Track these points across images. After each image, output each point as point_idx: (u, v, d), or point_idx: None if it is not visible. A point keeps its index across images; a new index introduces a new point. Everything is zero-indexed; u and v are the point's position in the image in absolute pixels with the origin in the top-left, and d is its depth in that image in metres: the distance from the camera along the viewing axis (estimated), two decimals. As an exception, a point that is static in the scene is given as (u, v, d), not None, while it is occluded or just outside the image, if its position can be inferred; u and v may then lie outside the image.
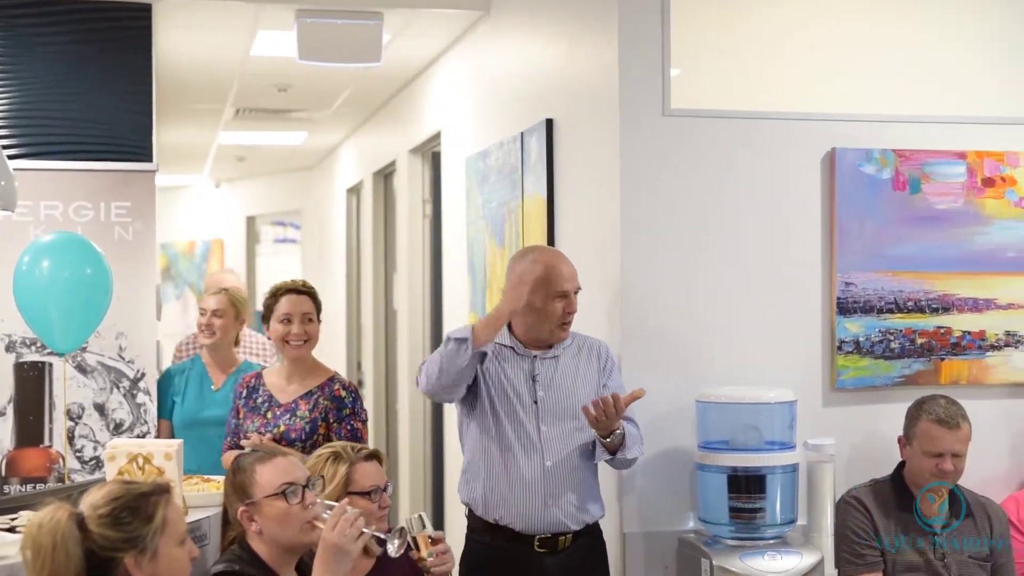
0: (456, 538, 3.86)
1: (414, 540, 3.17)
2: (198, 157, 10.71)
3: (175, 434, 4.84)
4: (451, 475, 6.25)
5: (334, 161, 10.29)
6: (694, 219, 4.00)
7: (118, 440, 3.60)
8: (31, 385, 4.96)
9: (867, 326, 4.08)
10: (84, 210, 5.06)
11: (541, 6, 4.86)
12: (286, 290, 4.17)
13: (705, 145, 4.02)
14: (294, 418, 4.06)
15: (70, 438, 4.93)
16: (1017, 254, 4.20)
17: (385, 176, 8.24)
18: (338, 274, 9.83)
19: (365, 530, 2.77)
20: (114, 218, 5.07)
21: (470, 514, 3.74)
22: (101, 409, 5.01)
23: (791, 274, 4.07)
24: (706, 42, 4.07)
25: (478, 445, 3.67)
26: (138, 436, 4.94)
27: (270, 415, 4.09)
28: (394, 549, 2.85)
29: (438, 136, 6.58)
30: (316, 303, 4.20)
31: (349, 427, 4.08)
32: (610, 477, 3.91)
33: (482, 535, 3.69)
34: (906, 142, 4.14)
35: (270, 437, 3.98)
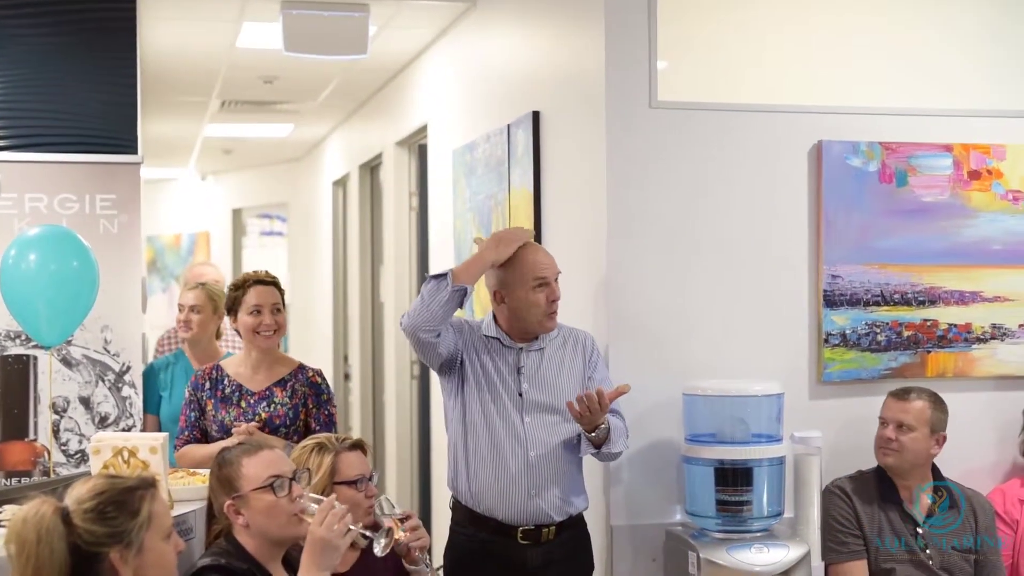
0: (443, 529, 3.86)
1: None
2: (184, 149, 10.68)
3: (163, 429, 4.83)
4: (438, 466, 6.25)
5: (320, 153, 10.27)
6: (681, 211, 4.00)
7: (103, 434, 3.58)
8: (16, 378, 4.94)
9: (854, 319, 4.09)
10: (69, 203, 5.03)
11: (528, -2, 4.86)
12: (254, 281, 4.14)
13: (692, 137, 4.01)
14: (273, 404, 4.05)
15: (55, 432, 4.91)
16: (1003, 247, 4.20)
17: (372, 169, 8.22)
18: (325, 267, 9.81)
19: (352, 527, 2.78)
20: (99, 211, 5.04)
21: (455, 506, 3.74)
22: (86, 402, 5.00)
23: (778, 266, 4.07)
24: (693, 35, 4.07)
25: (463, 436, 3.67)
26: (123, 430, 4.93)
27: (244, 404, 4.07)
28: (380, 549, 2.86)
29: (425, 128, 6.57)
30: (281, 293, 4.19)
31: (327, 412, 4.10)
32: (597, 470, 3.91)
33: (466, 527, 3.69)
34: (893, 135, 4.14)
35: (256, 425, 3.97)
